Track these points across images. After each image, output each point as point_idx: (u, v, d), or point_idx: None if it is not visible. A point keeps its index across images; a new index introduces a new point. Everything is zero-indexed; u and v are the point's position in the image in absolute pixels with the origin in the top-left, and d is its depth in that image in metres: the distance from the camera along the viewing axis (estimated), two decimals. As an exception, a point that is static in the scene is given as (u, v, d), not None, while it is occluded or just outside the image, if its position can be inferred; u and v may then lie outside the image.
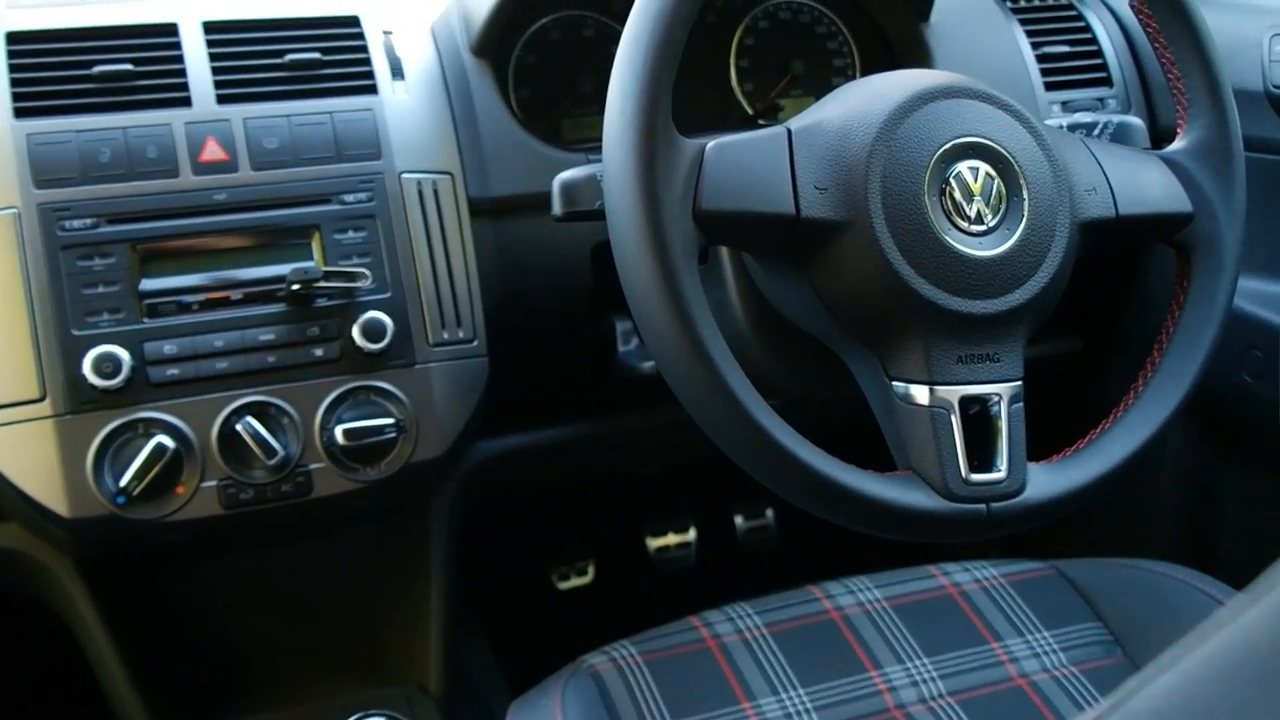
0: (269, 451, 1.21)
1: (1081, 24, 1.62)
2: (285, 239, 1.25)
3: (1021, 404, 0.96)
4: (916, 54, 1.52)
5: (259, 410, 1.23)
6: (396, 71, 1.35)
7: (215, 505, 1.21)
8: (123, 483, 1.17)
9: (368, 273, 1.24)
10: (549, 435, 1.54)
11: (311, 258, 1.25)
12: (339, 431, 1.23)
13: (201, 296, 1.22)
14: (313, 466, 1.24)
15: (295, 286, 1.21)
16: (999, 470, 0.94)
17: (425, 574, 1.46)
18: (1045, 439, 1.08)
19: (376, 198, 1.27)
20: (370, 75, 1.33)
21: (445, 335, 1.29)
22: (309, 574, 1.49)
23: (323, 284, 1.23)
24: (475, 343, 1.30)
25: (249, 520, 1.24)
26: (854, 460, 0.94)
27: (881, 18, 1.56)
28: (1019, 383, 0.96)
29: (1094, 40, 1.61)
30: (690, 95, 1.49)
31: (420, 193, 1.29)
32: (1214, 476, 1.69)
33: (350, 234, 1.26)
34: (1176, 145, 1.09)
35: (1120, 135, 1.19)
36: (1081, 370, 1.77)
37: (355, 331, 1.24)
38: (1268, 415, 1.51)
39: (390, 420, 1.24)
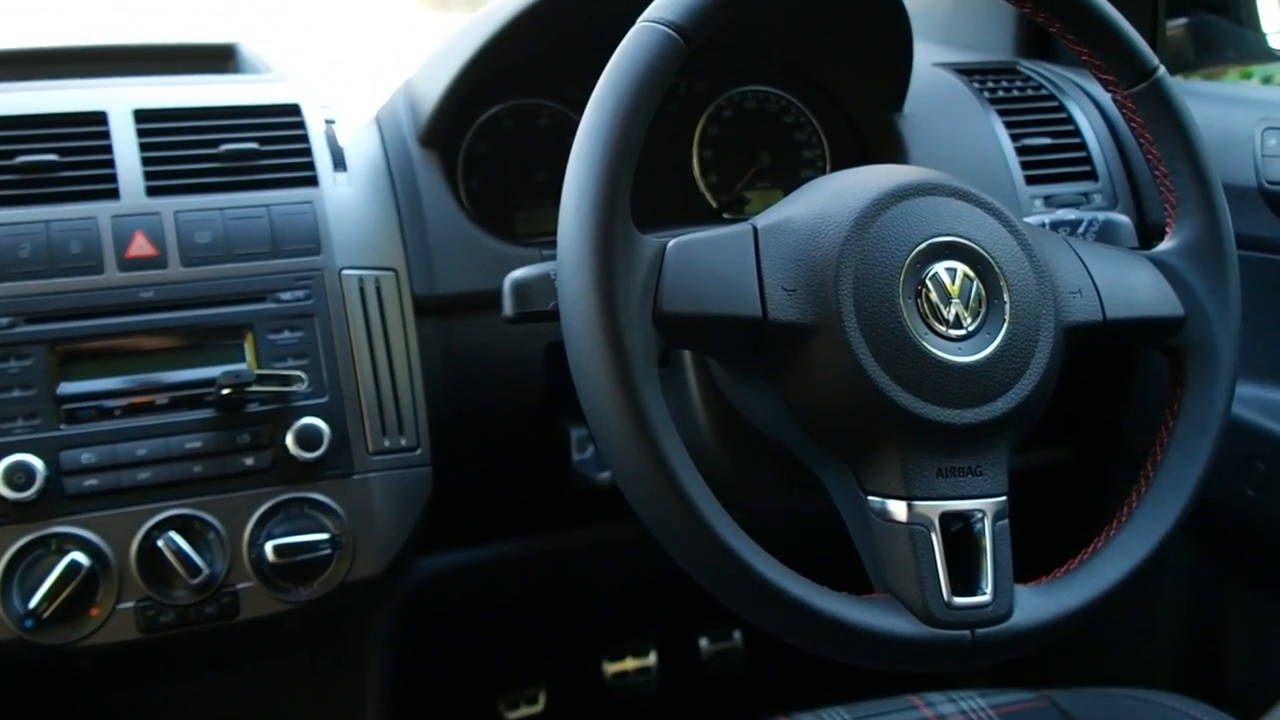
0: (192, 570, 1.19)
1: (1063, 115, 1.65)
2: (216, 339, 1.25)
3: (1006, 521, 0.96)
4: (889, 146, 1.54)
5: (183, 524, 1.21)
6: (339, 162, 1.35)
7: (132, 629, 1.19)
8: (32, 604, 1.15)
9: (304, 376, 1.24)
10: (497, 550, 1.53)
11: (243, 360, 1.25)
12: (269, 548, 1.21)
13: (124, 401, 1.21)
14: (240, 586, 1.22)
15: (225, 390, 1.20)
16: (984, 593, 0.93)
17: (361, 705, 1.44)
18: (1033, 557, 1.07)
19: (315, 296, 1.27)
20: (310, 166, 1.33)
21: (386, 443, 1.28)
22: (232, 707, 1.46)
23: (255, 388, 1.22)
24: (418, 451, 1.30)
25: (169, 645, 1.22)
26: (827, 580, 0.93)
27: (852, 108, 1.58)
28: (1003, 498, 0.96)
29: (1077, 132, 1.63)
30: (650, 187, 1.50)
31: (362, 290, 1.29)
32: (1217, 598, 1.69)
33: (286, 334, 1.26)
34: (1165, 245, 1.10)
35: (1106, 234, 1.21)
36: (1071, 482, 1.78)
37: (289, 439, 1.23)
38: (1273, 531, 1.51)
39: (325, 535, 1.23)
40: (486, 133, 1.46)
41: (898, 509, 0.93)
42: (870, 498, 0.95)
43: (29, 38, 1.61)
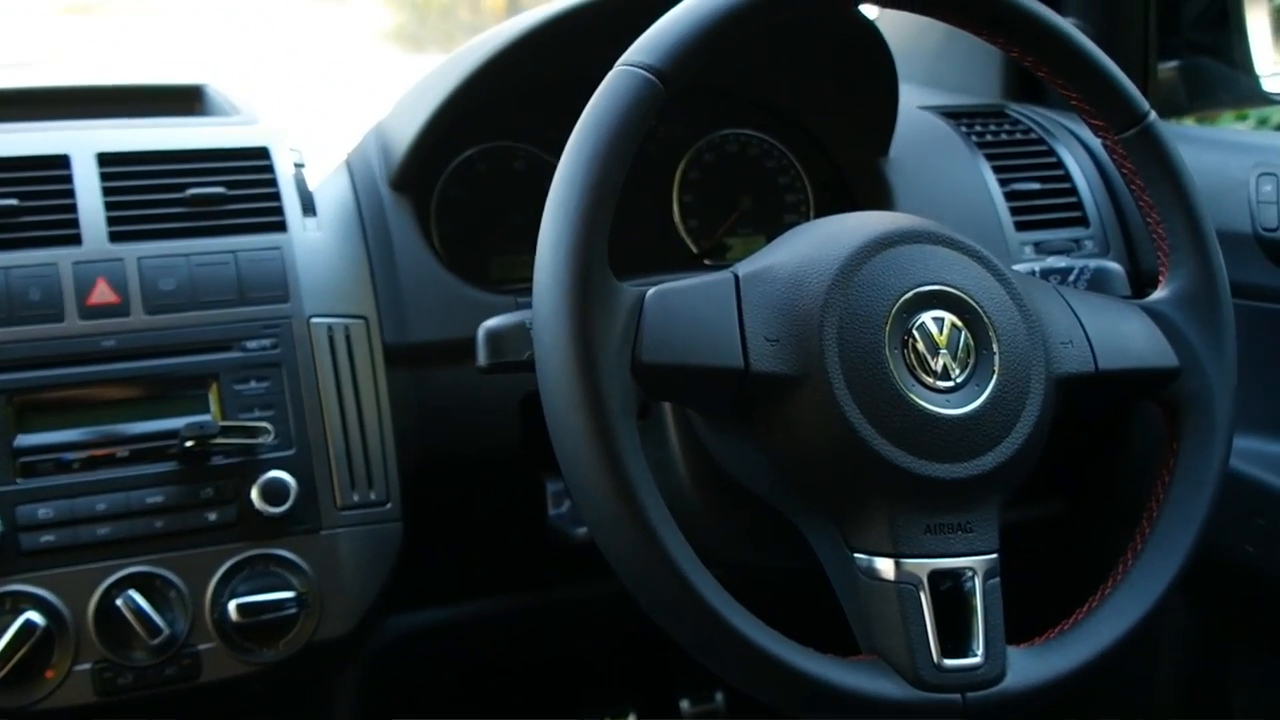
0: (152, 630, 1.18)
1: (1053, 159, 1.66)
2: (179, 390, 1.24)
3: (998, 579, 0.95)
4: (875, 191, 1.54)
5: (143, 582, 1.20)
6: (308, 207, 1.35)
7: (89, 691, 1.18)
8: (-16, 667, 1.14)
9: (270, 428, 1.23)
10: (471, 609, 1.52)
11: (208, 411, 1.24)
12: (232, 606, 1.20)
13: (83, 454, 1.21)
14: (201, 647, 1.21)
15: (189, 443, 1.20)
16: (975, 655, 0.93)
17: None
18: (1026, 616, 1.07)
19: (282, 344, 1.27)
20: (279, 211, 1.33)
21: (355, 497, 1.27)
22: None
23: (220, 440, 1.21)
24: (389, 505, 1.29)
25: (126, 709, 1.20)
26: (811, 641, 0.93)
27: (836, 152, 1.59)
28: (994, 555, 0.96)
29: (1067, 177, 1.64)
30: (629, 232, 1.49)
31: (331, 339, 1.29)
32: (1218, 659, 1.68)
33: (252, 384, 1.25)
34: (1158, 294, 1.11)
35: (1098, 282, 1.21)
36: (1065, 538, 1.77)
37: (254, 493, 1.22)
38: (1276, 589, 1.51)
39: (290, 594, 1.22)
40: (460, 176, 1.46)
41: (885, 567, 0.93)
42: (856, 555, 0.95)
43: (-11, 78, 1.60)
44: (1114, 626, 1.01)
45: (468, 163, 1.47)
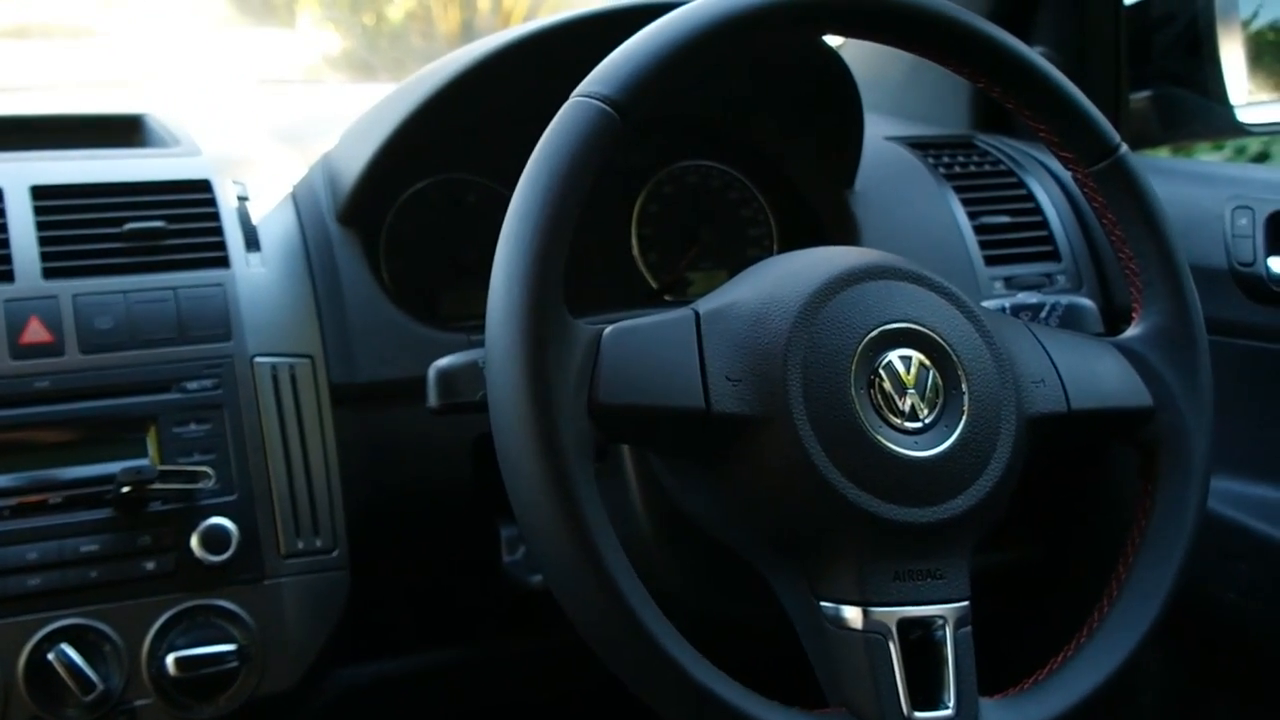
0: (86, 686, 1.17)
1: (1024, 191, 1.67)
2: (116, 433, 1.23)
3: (969, 628, 0.95)
4: (840, 225, 1.55)
5: (76, 636, 1.19)
6: (251, 242, 1.35)
7: None
8: (-93, 727, 1.12)
9: (211, 472, 1.22)
10: (422, 660, 1.51)
11: (146, 455, 1.23)
12: (170, 660, 1.19)
13: (14, 500, 1.19)
14: (138, 703, 1.20)
15: (125, 488, 1.19)
16: (946, 707, 0.93)
17: None
18: (999, 665, 1.07)
19: (224, 385, 1.26)
20: (221, 246, 1.33)
21: (300, 545, 1.26)
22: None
23: (158, 485, 1.20)
24: (335, 553, 1.28)
25: None
26: (776, 694, 0.92)
27: (801, 184, 1.59)
28: (965, 603, 0.96)
29: (1038, 210, 1.65)
30: (586, 267, 1.50)
31: (275, 379, 1.28)
32: (1200, 710, 1.69)
33: (192, 427, 1.25)
34: (1132, 331, 1.11)
35: (1070, 319, 1.22)
36: (1039, 584, 1.78)
37: (194, 541, 1.21)
38: (1259, 638, 1.51)
39: (232, 646, 1.21)
40: (411, 210, 1.46)
41: (853, 615, 0.93)
42: (823, 603, 0.94)
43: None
44: (1090, 676, 1.01)
45: (418, 196, 1.47)
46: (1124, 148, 1.10)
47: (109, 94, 1.92)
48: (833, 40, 1.47)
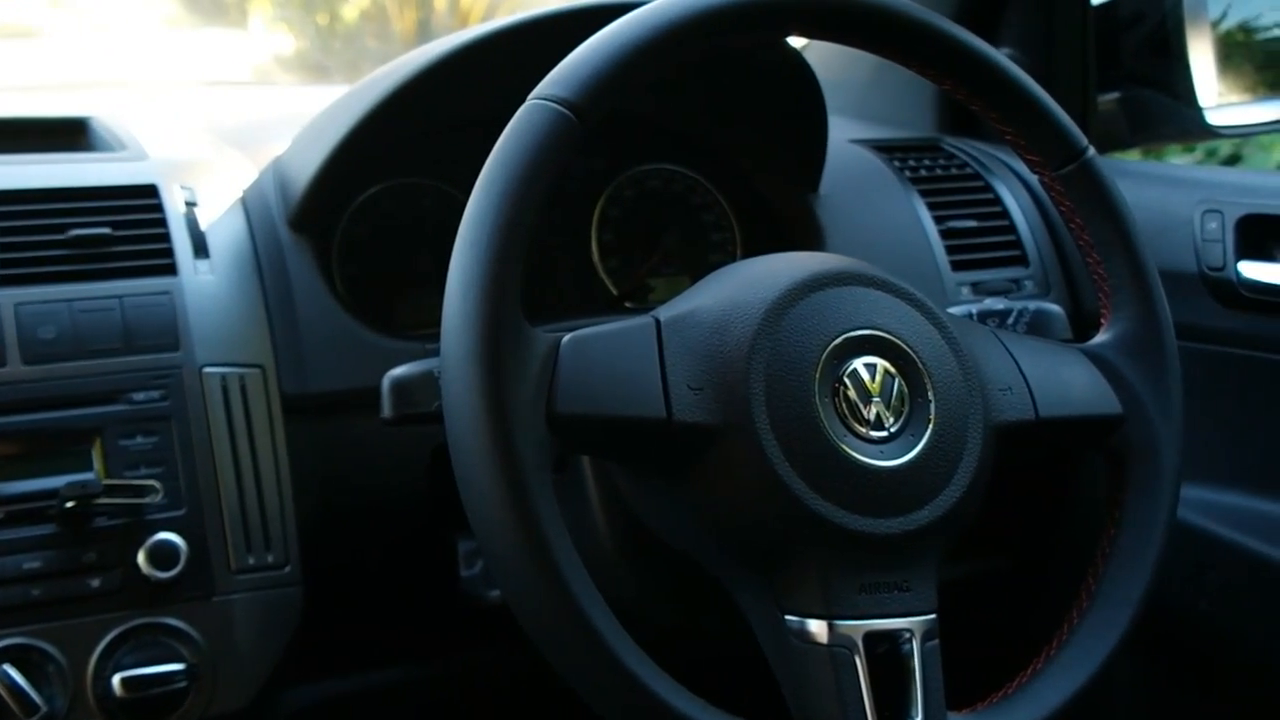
0: (28, 707, 1.16)
1: (990, 195, 1.68)
2: (60, 446, 1.23)
3: (937, 641, 0.96)
4: (805, 230, 1.55)
5: (19, 656, 1.18)
6: (200, 248, 1.34)
7: None
8: None
9: (158, 486, 1.22)
10: (378, 679, 1.50)
11: (91, 469, 1.23)
12: (116, 680, 1.18)
13: None
14: (83, 725, 1.19)
15: (69, 503, 1.18)
16: None
17: None
18: (968, 678, 1.07)
19: (172, 396, 1.26)
20: (169, 253, 1.32)
21: (251, 560, 1.26)
22: None
23: (103, 500, 1.20)
24: (287, 568, 1.28)
25: None
26: (741, 710, 0.92)
27: (764, 188, 1.60)
28: (933, 616, 0.96)
29: (1005, 214, 1.66)
30: (545, 274, 1.50)
31: (225, 390, 1.28)
32: (1175, 720, 1.70)
33: (139, 439, 1.24)
34: (1100, 337, 1.12)
35: (1037, 325, 1.22)
36: (1008, 595, 1.78)
37: (141, 557, 1.20)
38: (1231, 647, 1.52)
39: (180, 666, 1.21)
40: (364, 215, 1.46)
41: (818, 629, 0.93)
42: (788, 617, 0.94)
43: None
44: (1061, 688, 1.01)
45: (372, 201, 1.47)
46: (1091, 150, 1.10)
47: (53, 96, 1.90)
48: (796, 42, 1.47)
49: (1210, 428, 1.54)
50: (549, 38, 1.07)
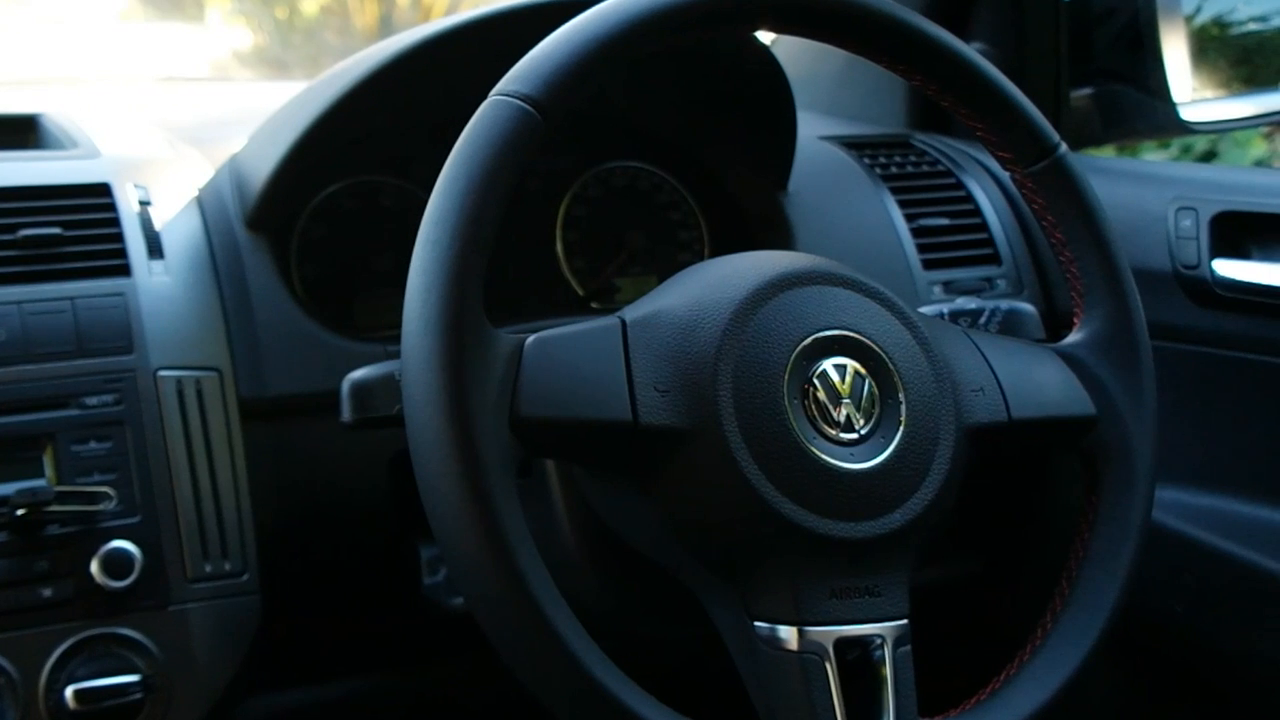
0: (-22, 721, 1.15)
1: (962, 193, 1.68)
2: (10, 452, 1.22)
3: (909, 646, 0.96)
4: (773, 228, 1.56)
5: None
6: (154, 249, 1.33)
7: None
8: None
9: (112, 493, 1.21)
10: (339, 689, 1.50)
11: (43, 475, 1.22)
12: (69, 693, 1.18)
13: None
14: (35, 739, 1.18)
15: (20, 511, 1.17)
16: None
17: None
18: (940, 685, 1.07)
19: (126, 400, 1.25)
20: (122, 253, 1.32)
21: (208, 568, 1.25)
22: None
23: (55, 507, 1.19)
24: (245, 577, 1.27)
25: None
26: (709, 717, 0.92)
27: (732, 185, 1.60)
28: (904, 621, 0.96)
29: (977, 211, 1.67)
30: (509, 274, 1.50)
31: (180, 394, 1.27)
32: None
33: (92, 445, 1.23)
34: (1073, 337, 1.12)
35: (1010, 325, 1.23)
36: (980, 599, 1.79)
37: (94, 566, 1.20)
38: (1207, 652, 1.52)
39: (135, 677, 1.20)
40: (323, 214, 1.45)
41: (788, 635, 0.93)
42: (757, 623, 0.94)
43: None
44: (1035, 694, 1.01)
45: (331, 199, 1.46)
46: (1063, 147, 1.11)
47: (1, 93, 1.89)
48: (765, 37, 1.47)
49: (1185, 428, 1.55)
50: (512, 33, 1.07)
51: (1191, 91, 1.75)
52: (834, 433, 0.95)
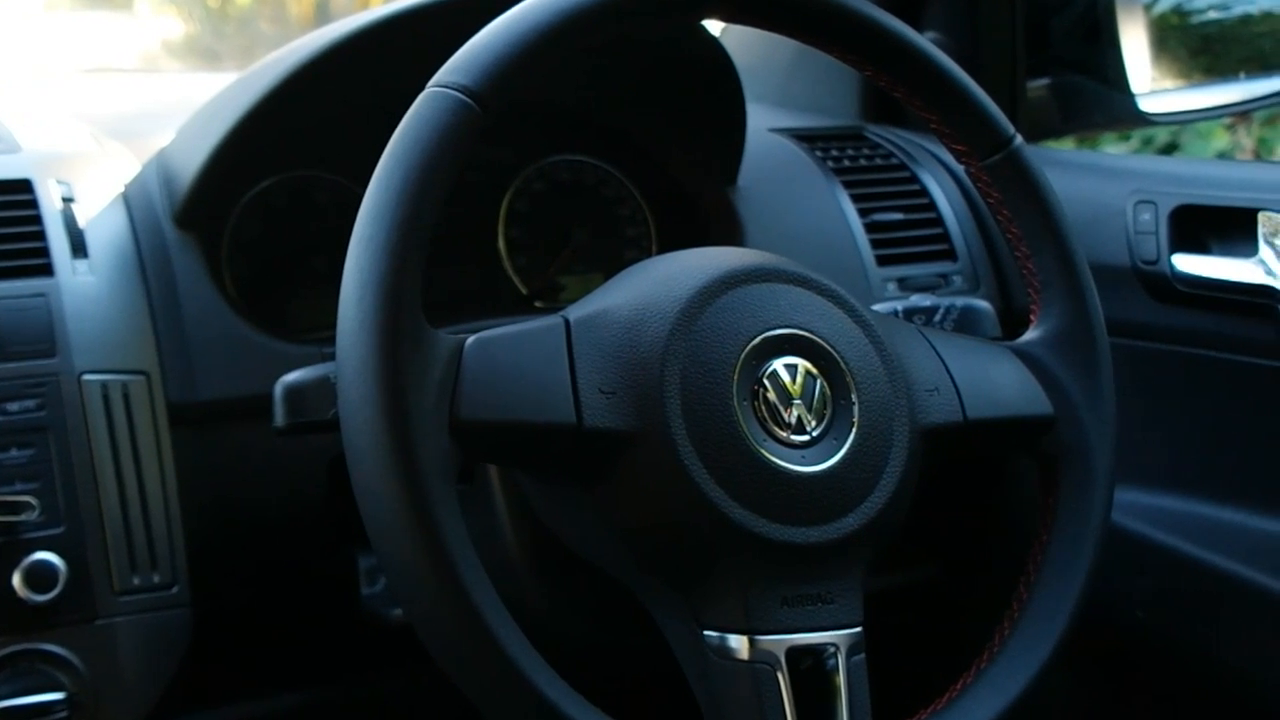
0: (-106, 743, 1.14)
1: (917, 187, 1.69)
2: None
3: (863, 655, 0.96)
4: (722, 224, 1.56)
5: None
6: (78, 248, 1.32)
7: None
8: None
9: (35, 502, 1.20)
10: (274, 705, 1.49)
11: None
12: (-9, 712, 1.17)
13: None
14: (-46, 760, 1.17)
15: (-63, 523, 1.16)
16: None
17: None
18: (896, 694, 1.08)
19: (48, 406, 1.24)
20: (44, 252, 1.31)
21: (136, 580, 1.25)
22: None
23: (-26, 518, 1.18)
24: (175, 589, 1.27)
25: None
26: (659, 730, 0.93)
27: (680, 180, 1.60)
28: (858, 629, 0.96)
29: (932, 206, 1.67)
30: (449, 272, 1.50)
31: (106, 398, 1.26)
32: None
33: (13, 453, 1.22)
34: (1030, 335, 1.13)
35: (965, 322, 1.23)
36: (937, 605, 1.80)
37: (16, 579, 1.19)
38: (1167, 656, 1.53)
39: (60, 695, 1.19)
40: (255, 211, 1.45)
41: (738, 645, 0.93)
42: (707, 632, 0.95)
43: None
44: (992, 702, 1.02)
45: (263, 196, 1.45)
46: (1018, 139, 1.11)
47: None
48: (713, 26, 1.47)
49: (1144, 428, 1.56)
50: (452, 22, 1.07)
51: (1150, 82, 1.76)
52: (785, 435, 0.95)
